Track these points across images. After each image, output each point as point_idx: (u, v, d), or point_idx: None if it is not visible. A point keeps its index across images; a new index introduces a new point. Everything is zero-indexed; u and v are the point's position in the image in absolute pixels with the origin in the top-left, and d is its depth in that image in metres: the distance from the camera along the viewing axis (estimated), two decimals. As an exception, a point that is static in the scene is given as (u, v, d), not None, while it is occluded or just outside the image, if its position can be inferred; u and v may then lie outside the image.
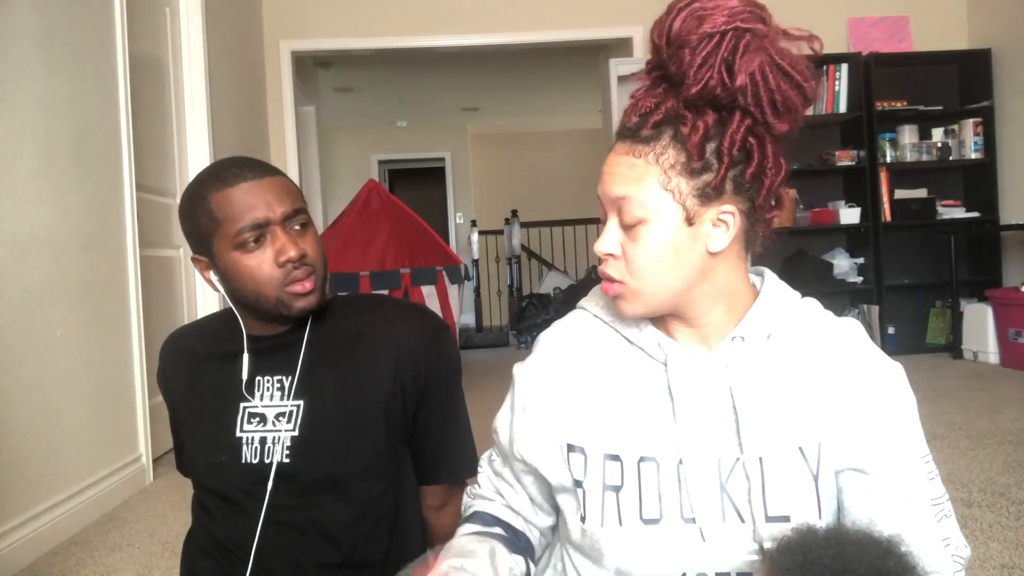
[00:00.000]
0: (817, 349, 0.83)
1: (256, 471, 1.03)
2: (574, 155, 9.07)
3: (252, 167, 1.04)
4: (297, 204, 1.04)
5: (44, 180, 2.23)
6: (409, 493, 1.15)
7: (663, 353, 0.84)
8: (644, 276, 0.79)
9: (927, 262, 4.78)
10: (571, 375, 0.88)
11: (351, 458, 1.05)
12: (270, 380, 1.07)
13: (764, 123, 0.76)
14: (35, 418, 2.11)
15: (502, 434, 0.93)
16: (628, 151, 0.79)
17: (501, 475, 0.96)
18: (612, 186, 0.79)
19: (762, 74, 0.74)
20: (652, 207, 0.77)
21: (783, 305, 0.85)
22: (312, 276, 1.03)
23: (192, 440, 1.10)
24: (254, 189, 1.01)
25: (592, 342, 0.89)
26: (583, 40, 4.98)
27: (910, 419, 0.82)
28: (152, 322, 2.83)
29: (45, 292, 2.20)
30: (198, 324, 1.22)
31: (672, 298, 0.81)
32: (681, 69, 0.76)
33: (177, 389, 1.14)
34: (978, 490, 2.13)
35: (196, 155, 3.49)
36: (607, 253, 0.81)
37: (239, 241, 1.00)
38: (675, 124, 0.77)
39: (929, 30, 4.85)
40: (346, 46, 4.86)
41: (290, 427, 1.04)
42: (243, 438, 1.05)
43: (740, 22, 0.74)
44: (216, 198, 1.01)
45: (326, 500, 1.04)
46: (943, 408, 3.16)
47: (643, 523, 0.79)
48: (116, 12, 2.69)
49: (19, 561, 1.96)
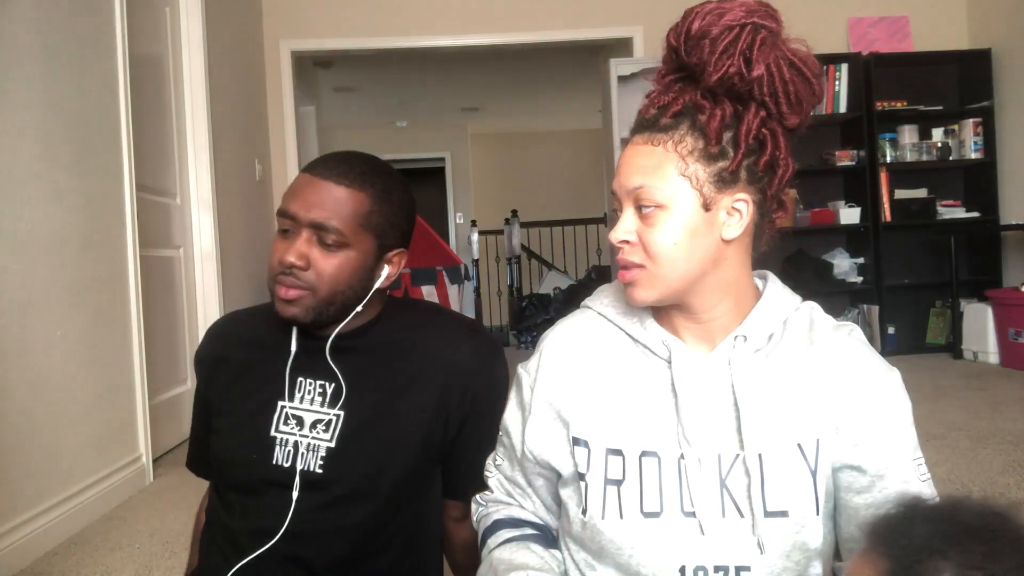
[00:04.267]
0: (817, 351, 0.85)
1: (285, 474, 1.02)
2: (574, 155, 9.06)
3: (332, 165, 1.01)
4: (333, 222, 0.98)
5: (44, 180, 2.23)
6: (432, 505, 1.13)
7: (667, 350, 0.85)
8: (661, 259, 0.80)
9: (927, 262, 4.78)
10: (576, 372, 0.89)
11: (384, 476, 1.03)
12: (312, 384, 1.05)
13: (778, 115, 0.81)
14: (35, 418, 2.11)
15: (514, 435, 0.94)
16: (646, 141, 0.82)
17: (513, 480, 0.97)
18: (630, 177, 0.81)
19: (777, 67, 0.79)
20: (670, 193, 0.80)
21: (785, 307, 0.87)
22: (298, 290, 0.99)
23: (225, 430, 1.07)
24: (306, 184, 1.00)
25: (597, 340, 0.90)
26: (583, 40, 4.98)
27: (905, 422, 0.85)
28: (152, 322, 2.83)
29: (45, 292, 2.20)
30: (254, 309, 1.19)
31: (686, 284, 0.82)
32: (702, 59, 0.80)
33: (221, 373, 1.10)
34: (978, 490, 2.13)
35: (196, 155, 3.49)
36: (623, 240, 0.82)
37: (279, 222, 1.02)
38: (693, 114, 0.81)
39: (929, 30, 4.85)
40: (346, 46, 4.86)
41: (327, 437, 1.02)
42: (277, 438, 1.03)
43: (757, 18, 0.79)
44: (298, 175, 1.03)
45: (350, 510, 1.03)
46: (943, 408, 3.16)
47: (643, 516, 0.81)
48: (116, 12, 2.69)
49: (19, 561, 1.96)
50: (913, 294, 4.77)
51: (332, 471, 1.01)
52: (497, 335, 6.82)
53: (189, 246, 3.44)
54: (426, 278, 3.84)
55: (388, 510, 1.05)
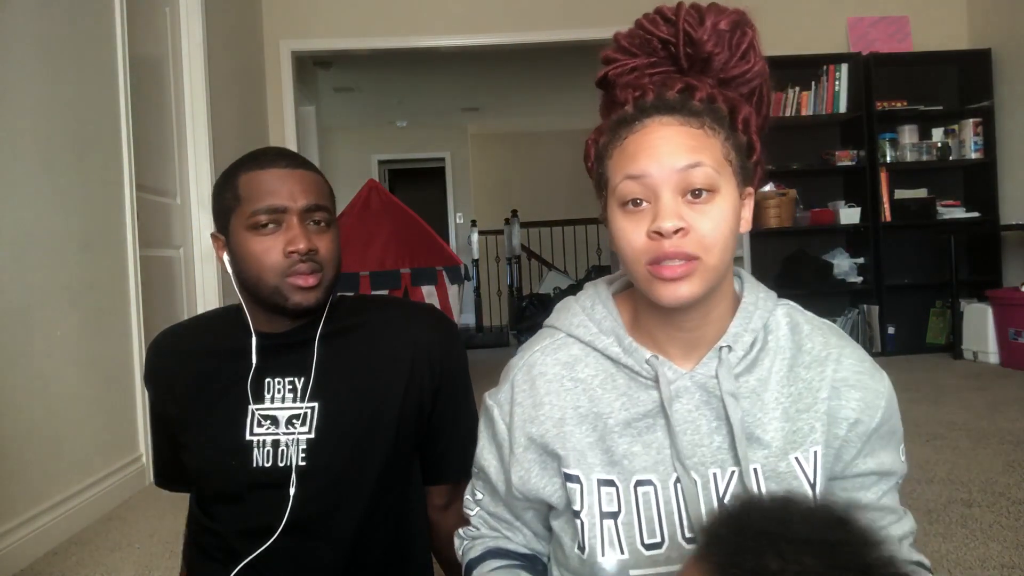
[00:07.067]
0: (807, 359, 0.82)
1: (267, 474, 1.02)
2: (574, 155, 8.92)
3: (289, 157, 1.05)
4: (321, 201, 1.03)
5: (44, 180, 2.23)
6: (415, 494, 1.14)
7: (651, 370, 0.81)
8: (717, 249, 0.74)
9: (927, 262, 4.77)
10: (555, 401, 0.84)
11: (367, 461, 1.04)
12: (281, 382, 1.05)
13: (766, 115, 0.83)
14: (35, 418, 2.11)
15: (492, 473, 0.89)
16: (682, 122, 0.76)
17: (497, 515, 0.92)
18: (676, 156, 0.74)
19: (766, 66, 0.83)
20: (723, 176, 0.75)
21: (764, 309, 0.84)
22: (317, 274, 1.02)
23: (196, 443, 1.07)
24: (282, 176, 1.01)
25: (572, 365, 0.85)
26: (583, 40, 4.97)
27: (897, 425, 0.84)
28: (152, 322, 2.83)
29: (45, 292, 2.20)
30: (193, 321, 1.20)
31: (721, 278, 0.78)
32: (706, 53, 0.80)
33: (177, 389, 1.09)
34: (978, 490, 2.13)
35: (196, 155, 3.49)
36: (678, 228, 0.72)
37: (253, 222, 1.00)
38: (713, 101, 0.79)
39: (929, 30, 4.85)
40: (346, 46, 4.85)
41: (305, 430, 1.03)
42: (254, 441, 1.03)
43: (746, 19, 0.82)
44: (246, 177, 1.02)
45: (338, 501, 1.03)
46: (943, 408, 3.16)
47: (645, 548, 0.78)
48: (116, 12, 2.69)
49: (19, 561, 1.96)
50: (913, 294, 4.77)
51: (315, 461, 1.02)
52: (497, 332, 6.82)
53: (189, 246, 3.44)
54: (426, 278, 3.84)
55: (373, 500, 1.05)
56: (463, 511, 0.98)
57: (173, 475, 1.16)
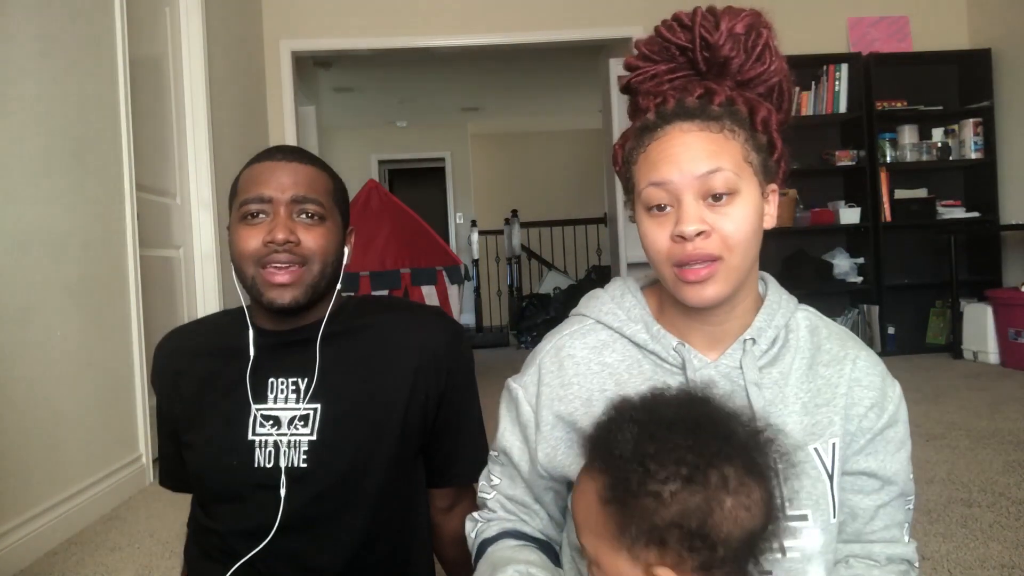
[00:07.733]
0: (826, 357, 0.86)
1: (269, 475, 1.01)
2: (574, 155, 9.06)
3: (288, 152, 1.05)
4: (312, 194, 1.02)
5: (44, 180, 2.23)
6: (418, 496, 1.13)
7: (678, 357, 0.84)
8: (740, 249, 0.78)
9: (927, 262, 4.77)
10: (583, 382, 0.86)
11: (370, 463, 1.03)
12: (284, 382, 1.04)
13: (787, 111, 0.85)
14: (35, 418, 2.11)
15: (516, 454, 0.91)
16: (702, 128, 0.79)
17: (515, 498, 0.93)
18: (696, 162, 0.77)
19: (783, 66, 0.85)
20: (743, 178, 0.78)
21: (787, 309, 0.88)
22: (295, 269, 1.00)
23: (199, 442, 1.07)
24: (273, 168, 1.01)
25: (600, 349, 0.88)
26: (583, 40, 4.97)
27: (906, 428, 0.87)
28: (152, 322, 2.83)
29: (45, 292, 2.20)
30: (201, 321, 1.19)
31: (745, 277, 0.81)
32: (725, 55, 0.81)
33: (183, 387, 1.09)
34: (978, 490, 2.13)
35: (196, 155, 3.49)
36: (699, 231, 0.76)
37: (242, 212, 1.01)
38: (732, 104, 0.81)
39: (929, 30, 4.85)
40: (346, 46, 4.85)
41: (307, 431, 1.02)
42: (256, 441, 1.03)
43: (762, 21, 0.84)
44: (247, 170, 1.04)
45: (339, 504, 1.03)
46: (943, 408, 3.16)
47: None
48: (116, 12, 2.69)
49: (19, 561, 1.96)
50: (913, 294, 4.77)
51: (316, 463, 1.01)
52: (498, 333, 6.82)
53: (189, 246, 3.44)
54: (426, 278, 3.84)
55: (375, 503, 1.05)
56: (478, 496, 0.99)
57: (180, 476, 1.15)
